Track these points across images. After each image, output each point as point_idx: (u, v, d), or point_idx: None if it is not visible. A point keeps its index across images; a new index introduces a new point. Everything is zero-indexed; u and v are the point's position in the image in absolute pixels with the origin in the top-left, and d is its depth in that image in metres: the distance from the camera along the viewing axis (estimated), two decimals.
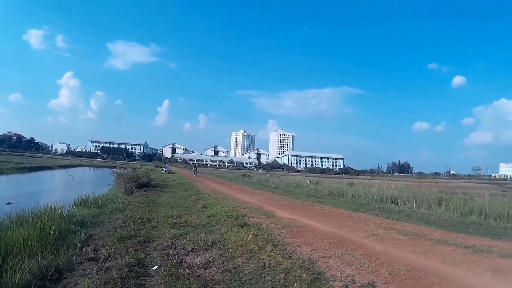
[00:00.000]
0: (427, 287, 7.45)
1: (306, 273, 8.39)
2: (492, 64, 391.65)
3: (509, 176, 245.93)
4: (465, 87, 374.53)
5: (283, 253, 10.30)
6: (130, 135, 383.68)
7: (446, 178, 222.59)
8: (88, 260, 9.35)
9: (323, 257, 9.77)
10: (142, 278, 8.44)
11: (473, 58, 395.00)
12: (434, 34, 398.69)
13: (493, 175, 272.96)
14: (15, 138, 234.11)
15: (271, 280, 8.28)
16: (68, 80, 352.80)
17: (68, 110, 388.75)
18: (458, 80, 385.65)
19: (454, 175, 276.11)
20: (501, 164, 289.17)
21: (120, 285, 7.69)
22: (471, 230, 14.24)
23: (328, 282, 7.92)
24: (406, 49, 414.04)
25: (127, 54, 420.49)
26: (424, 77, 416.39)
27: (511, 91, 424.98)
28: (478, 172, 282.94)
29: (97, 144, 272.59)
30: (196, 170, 69.82)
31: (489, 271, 8.50)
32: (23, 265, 7.71)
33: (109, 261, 9.40)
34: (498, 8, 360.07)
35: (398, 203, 23.25)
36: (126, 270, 8.56)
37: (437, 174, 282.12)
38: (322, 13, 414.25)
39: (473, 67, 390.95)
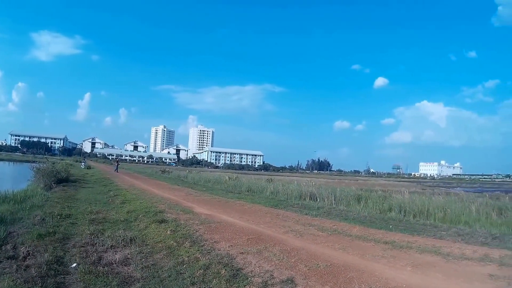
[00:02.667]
0: (346, 282, 7.60)
1: (225, 269, 8.41)
2: (415, 67, 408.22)
3: (428, 175, 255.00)
4: (387, 88, 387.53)
5: (202, 249, 10.34)
6: (51, 129, 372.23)
7: (366, 176, 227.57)
8: (8, 259, 9.06)
9: (242, 253, 9.89)
10: (62, 276, 8.27)
11: (396, 60, 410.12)
12: (358, 35, 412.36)
13: (412, 173, 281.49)
14: None
15: (190, 277, 8.26)
16: None
17: None
18: (380, 81, 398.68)
19: (373, 173, 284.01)
20: (421, 163, 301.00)
21: (40, 284, 7.50)
22: (391, 226, 14.65)
23: (247, 278, 7.98)
24: (330, 49, 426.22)
25: (51, 45, 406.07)
26: (346, 78, 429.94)
27: (433, 93, 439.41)
28: (398, 170, 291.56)
29: (17, 137, 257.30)
30: (118, 166, 69.11)
31: (409, 265, 8.78)
32: None
33: (29, 259, 9.13)
34: (420, 15, 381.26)
35: (317, 199, 23.66)
36: (45, 268, 8.37)
37: (356, 172, 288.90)
38: (247, 11, 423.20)
39: (396, 69, 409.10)
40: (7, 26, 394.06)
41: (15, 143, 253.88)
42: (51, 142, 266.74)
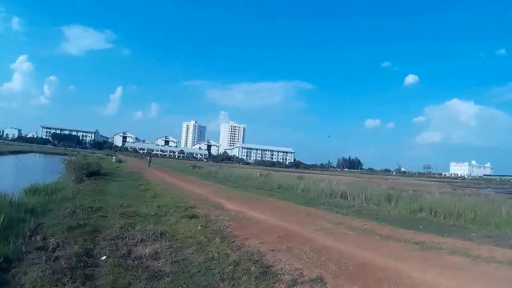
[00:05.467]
0: (376, 282, 7.51)
1: (255, 266, 8.40)
2: (445, 64, 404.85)
3: (459, 175, 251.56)
4: (418, 86, 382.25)
5: (232, 246, 10.33)
6: (82, 122, 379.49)
7: (396, 175, 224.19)
8: (37, 249, 9.11)
9: (272, 250, 9.84)
10: (91, 268, 8.29)
11: (427, 57, 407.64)
12: (387, 32, 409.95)
13: (443, 173, 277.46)
14: None
15: (219, 273, 8.24)
16: (21, 64, 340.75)
17: (20, 94, 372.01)
18: (410, 78, 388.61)
19: (404, 172, 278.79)
20: (451, 163, 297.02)
21: (69, 275, 7.50)
22: (421, 226, 14.38)
23: (277, 275, 7.93)
24: (360, 47, 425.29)
25: (82, 40, 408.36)
26: (376, 75, 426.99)
27: (464, 91, 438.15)
28: (429, 170, 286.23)
29: (48, 130, 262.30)
30: (151, 161, 69.48)
31: (438, 267, 8.61)
32: None
33: (58, 250, 9.20)
34: (450, 13, 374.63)
35: (347, 198, 23.54)
36: (74, 260, 8.37)
37: (387, 170, 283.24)
38: (278, 8, 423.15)
39: (426, 67, 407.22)
40: (41, 20, 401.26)
41: (46, 135, 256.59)
42: (82, 136, 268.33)
